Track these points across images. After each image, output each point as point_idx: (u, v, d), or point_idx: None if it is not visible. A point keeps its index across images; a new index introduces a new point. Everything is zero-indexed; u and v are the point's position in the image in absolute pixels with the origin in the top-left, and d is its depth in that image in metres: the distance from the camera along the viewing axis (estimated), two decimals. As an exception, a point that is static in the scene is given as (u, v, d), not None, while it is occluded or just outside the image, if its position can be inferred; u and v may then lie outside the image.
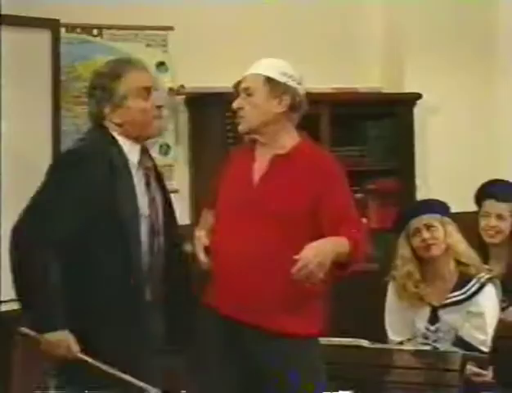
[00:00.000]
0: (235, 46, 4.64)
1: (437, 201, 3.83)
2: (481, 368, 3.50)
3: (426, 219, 3.69)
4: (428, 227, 3.68)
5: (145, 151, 3.04)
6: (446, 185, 4.81)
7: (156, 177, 3.07)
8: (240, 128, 3.12)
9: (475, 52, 5.15)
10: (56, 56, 4.01)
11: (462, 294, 3.63)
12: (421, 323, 3.67)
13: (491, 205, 3.98)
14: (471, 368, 3.47)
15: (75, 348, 2.83)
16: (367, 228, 4.43)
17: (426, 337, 3.65)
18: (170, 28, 4.58)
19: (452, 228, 3.71)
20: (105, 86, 2.95)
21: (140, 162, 2.98)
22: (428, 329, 3.66)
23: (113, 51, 4.47)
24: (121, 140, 2.96)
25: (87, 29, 4.44)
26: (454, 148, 5.07)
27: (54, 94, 4.00)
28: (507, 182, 4.13)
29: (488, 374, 3.52)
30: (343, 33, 5.10)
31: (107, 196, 2.85)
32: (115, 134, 2.96)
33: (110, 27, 4.47)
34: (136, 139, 2.98)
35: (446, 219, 3.72)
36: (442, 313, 3.64)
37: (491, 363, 3.53)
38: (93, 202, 2.84)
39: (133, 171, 2.95)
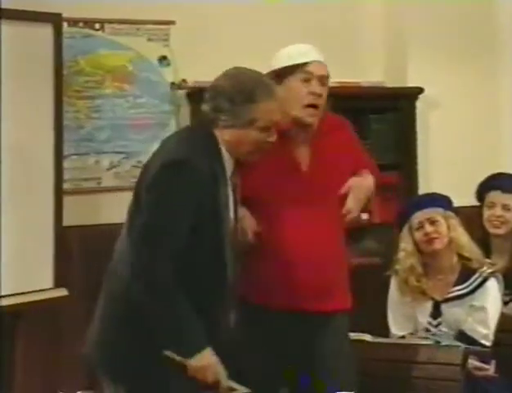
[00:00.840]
0: (237, 40, 4.62)
1: (440, 194, 3.82)
2: (483, 362, 3.50)
3: (429, 213, 3.69)
4: (431, 221, 3.67)
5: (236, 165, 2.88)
6: (448, 179, 4.80)
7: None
8: (313, 120, 3.09)
9: (477, 46, 5.14)
10: (58, 51, 3.99)
11: (464, 288, 3.63)
12: (423, 318, 3.67)
13: (496, 196, 3.98)
14: (473, 362, 3.47)
15: (222, 373, 2.68)
16: (369, 223, 4.50)
17: (428, 331, 3.65)
18: (172, 22, 4.57)
19: (455, 222, 3.70)
20: (233, 100, 2.73)
21: (232, 174, 2.84)
22: (430, 323, 3.66)
23: (115, 46, 4.48)
24: (224, 151, 2.79)
25: (89, 23, 4.43)
26: (456, 142, 5.06)
27: (56, 88, 3.99)
28: (511, 174, 4.14)
29: (490, 368, 3.52)
30: (346, 28, 5.08)
31: (209, 207, 2.69)
32: (220, 143, 2.78)
33: (111, 21, 4.47)
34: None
35: (449, 213, 3.72)
36: (444, 307, 3.64)
37: (493, 357, 3.53)
38: (198, 212, 2.67)
39: (228, 182, 2.82)
